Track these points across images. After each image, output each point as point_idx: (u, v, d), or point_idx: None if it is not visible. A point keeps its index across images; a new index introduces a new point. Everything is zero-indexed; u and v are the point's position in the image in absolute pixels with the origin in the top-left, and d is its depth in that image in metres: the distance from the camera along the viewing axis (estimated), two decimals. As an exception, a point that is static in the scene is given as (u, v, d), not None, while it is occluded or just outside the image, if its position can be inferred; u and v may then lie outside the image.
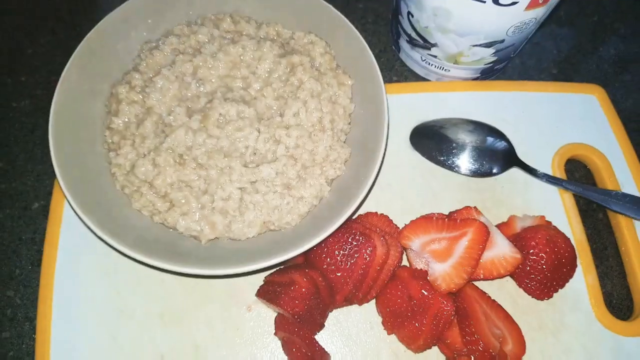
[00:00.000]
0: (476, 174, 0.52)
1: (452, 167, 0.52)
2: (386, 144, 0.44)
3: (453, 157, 0.52)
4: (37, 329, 0.44)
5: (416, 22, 0.51)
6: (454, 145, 0.53)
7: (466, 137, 0.53)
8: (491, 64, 0.53)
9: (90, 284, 0.46)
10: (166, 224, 0.43)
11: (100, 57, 0.46)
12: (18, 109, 0.55)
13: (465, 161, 0.52)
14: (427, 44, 0.52)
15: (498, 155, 0.52)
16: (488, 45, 0.49)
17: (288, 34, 0.50)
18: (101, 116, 0.46)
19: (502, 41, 0.48)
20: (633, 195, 0.49)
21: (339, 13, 0.48)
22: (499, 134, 0.53)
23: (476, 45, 0.49)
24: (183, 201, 0.42)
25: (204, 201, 0.42)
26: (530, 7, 0.43)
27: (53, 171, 0.40)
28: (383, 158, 0.43)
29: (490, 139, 0.53)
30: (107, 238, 0.39)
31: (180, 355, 0.44)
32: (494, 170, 0.52)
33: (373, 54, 0.46)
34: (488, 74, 0.56)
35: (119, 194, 0.44)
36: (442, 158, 0.52)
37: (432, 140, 0.53)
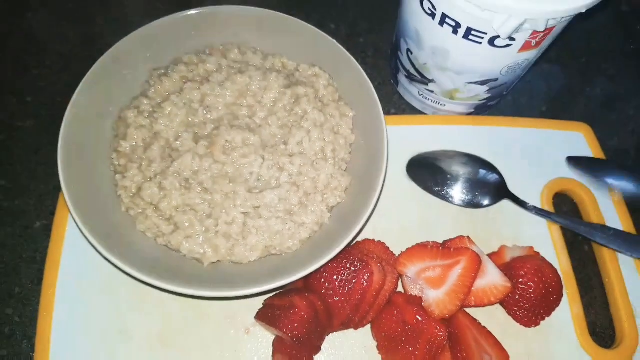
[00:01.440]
0: (469, 204, 0.54)
1: (446, 198, 0.54)
2: (385, 175, 0.46)
3: (447, 188, 0.54)
4: (35, 348, 0.44)
5: (415, 59, 0.53)
6: (448, 176, 0.55)
7: (460, 169, 0.55)
8: (485, 101, 0.56)
9: (90, 303, 0.46)
10: (170, 246, 0.44)
11: (110, 82, 0.48)
12: (22, 128, 0.56)
13: (458, 192, 0.54)
14: (424, 80, 0.55)
15: (490, 188, 0.55)
16: (483, 83, 0.52)
17: (293, 66, 0.52)
18: (109, 139, 0.47)
19: (496, 80, 0.51)
20: (616, 229, 0.52)
21: (341, 47, 0.50)
22: (491, 167, 0.56)
23: (471, 83, 0.52)
24: (187, 224, 0.44)
25: (208, 225, 0.43)
26: (523, 49, 0.46)
27: (55, 191, 0.41)
28: (382, 187, 0.45)
29: (482, 172, 0.55)
30: (111, 258, 0.40)
31: (178, 376, 0.44)
32: (486, 202, 0.54)
33: (372, 86, 0.49)
34: (482, 110, 0.59)
35: (124, 215, 0.45)
36: (437, 189, 0.54)
37: (427, 171, 0.55)
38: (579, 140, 0.60)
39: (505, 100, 0.64)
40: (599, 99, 0.67)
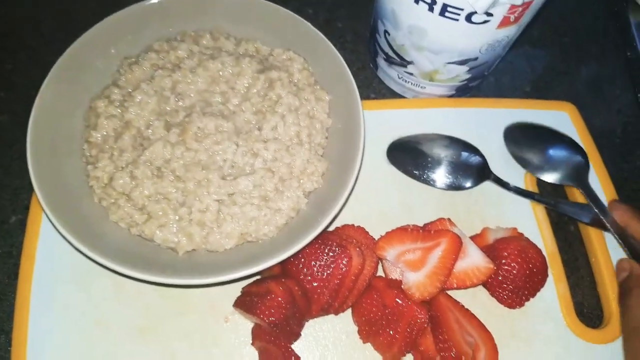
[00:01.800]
0: (451, 187, 0.53)
1: (427, 181, 0.53)
2: (362, 158, 0.45)
3: (429, 172, 0.53)
4: (12, 342, 0.44)
5: (392, 40, 0.52)
6: (429, 159, 0.54)
7: (441, 152, 0.54)
8: (465, 82, 0.55)
9: (67, 296, 0.46)
10: (143, 236, 0.43)
11: (79, 72, 0.47)
12: (-3, 123, 0.56)
13: (440, 175, 0.53)
14: (403, 62, 0.54)
15: (472, 170, 0.54)
16: (462, 62, 0.51)
17: (267, 51, 0.51)
18: (80, 130, 0.47)
19: (476, 59, 0.50)
20: (601, 207, 0.51)
21: (316, 30, 0.49)
22: (473, 149, 0.55)
23: (450, 63, 0.51)
24: (160, 213, 0.43)
25: (181, 213, 0.43)
26: (502, 25, 0.45)
27: (30, 186, 0.41)
28: (359, 172, 0.45)
29: (464, 154, 0.55)
30: (84, 249, 0.39)
31: (156, 367, 0.44)
32: (468, 184, 0.53)
33: (351, 71, 0.48)
34: (463, 92, 0.58)
35: (97, 206, 0.44)
36: (417, 172, 0.53)
37: (408, 155, 0.54)
38: (564, 119, 0.59)
39: (487, 81, 0.63)
40: (584, 78, 0.66)
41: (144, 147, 0.44)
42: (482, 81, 0.60)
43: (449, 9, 0.44)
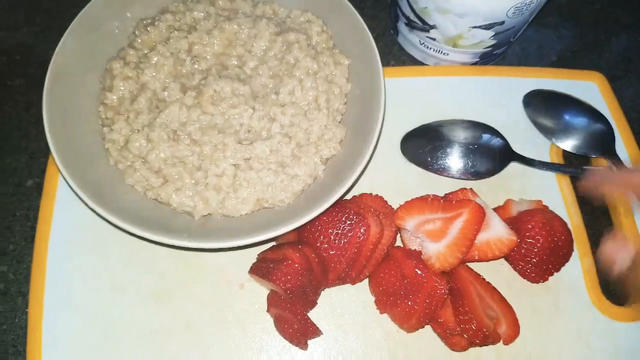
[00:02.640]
0: (476, 175, 0.51)
1: (447, 173, 0.51)
2: (381, 126, 0.43)
3: (446, 163, 0.51)
4: (29, 304, 0.44)
5: (414, 3, 0.50)
6: (447, 151, 0.51)
7: (461, 138, 0.51)
8: (490, 48, 0.53)
9: (82, 260, 0.46)
10: (159, 200, 0.43)
11: (94, 34, 0.46)
12: (12, 87, 0.55)
13: (460, 165, 0.51)
14: (425, 26, 0.52)
15: (495, 154, 0.51)
16: (488, 27, 0.49)
17: (285, 13, 0.49)
18: (96, 92, 0.46)
19: (502, 23, 0.48)
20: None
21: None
22: (493, 132, 0.52)
23: (475, 27, 0.49)
24: (176, 177, 0.42)
25: (197, 177, 0.42)
26: None
27: (47, 149, 0.40)
28: (378, 139, 0.43)
29: (485, 137, 0.52)
30: (100, 211, 0.39)
31: (171, 331, 0.44)
32: (492, 170, 0.51)
33: (369, 31, 0.46)
34: (487, 59, 0.56)
35: (113, 169, 0.44)
36: (434, 166, 0.51)
37: (424, 149, 0.52)
38: (592, 90, 0.56)
39: (512, 50, 0.61)
40: (613, 47, 0.63)
41: (160, 110, 0.43)
42: (507, 49, 0.58)
43: None
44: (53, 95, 0.43)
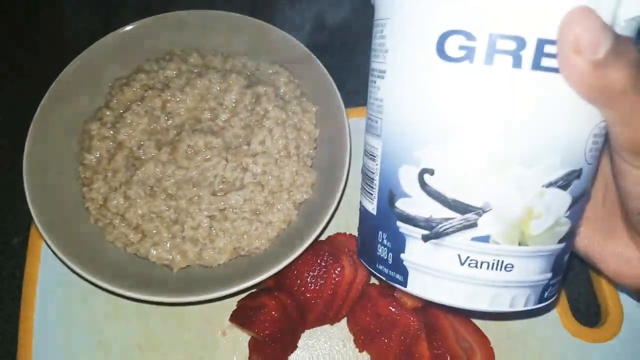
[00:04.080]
0: None
1: None
2: (349, 167, 0.45)
3: None
4: (17, 365, 0.45)
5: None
6: None
7: None
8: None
9: (68, 318, 0.47)
10: (139, 255, 0.44)
11: (73, 95, 0.48)
12: (-4, 146, 0.57)
13: None
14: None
15: None
16: (565, 182, 0.27)
17: (254, 66, 0.51)
18: (75, 153, 0.48)
19: (579, 174, 0.27)
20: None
21: (300, 43, 0.50)
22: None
23: (552, 184, 0.27)
24: (154, 231, 0.44)
25: (174, 231, 0.44)
26: None
27: (31, 207, 0.42)
28: (346, 180, 0.45)
29: None
30: (81, 272, 0.41)
31: (157, 382, 0.45)
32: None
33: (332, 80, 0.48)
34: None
35: (94, 227, 0.45)
36: None
37: None
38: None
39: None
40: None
41: (136, 167, 0.45)
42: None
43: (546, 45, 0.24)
44: (33, 158, 0.45)
